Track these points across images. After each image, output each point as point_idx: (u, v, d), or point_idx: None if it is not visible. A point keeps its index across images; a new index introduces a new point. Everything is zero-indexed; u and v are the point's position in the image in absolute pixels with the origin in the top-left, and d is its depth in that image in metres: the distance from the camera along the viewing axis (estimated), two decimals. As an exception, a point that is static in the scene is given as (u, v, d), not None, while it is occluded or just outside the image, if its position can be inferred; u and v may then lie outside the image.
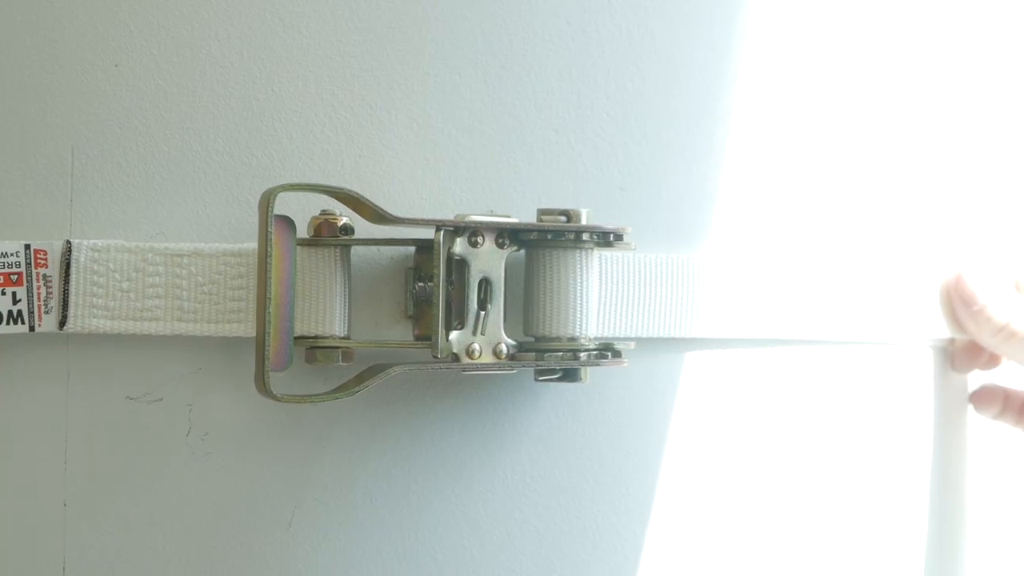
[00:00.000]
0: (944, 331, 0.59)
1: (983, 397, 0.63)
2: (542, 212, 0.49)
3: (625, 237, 0.49)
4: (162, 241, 0.48)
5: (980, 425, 0.64)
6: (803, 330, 0.54)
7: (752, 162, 0.54)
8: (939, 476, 0.61)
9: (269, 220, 0.44)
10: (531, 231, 0.48)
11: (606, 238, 0.48)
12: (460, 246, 0.47)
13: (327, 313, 0.47)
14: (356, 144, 0.49)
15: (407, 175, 0.50)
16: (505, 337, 0.48)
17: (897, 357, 0.58)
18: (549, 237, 0.48)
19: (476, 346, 0.47)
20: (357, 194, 0.45)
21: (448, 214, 0.49)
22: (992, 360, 0.62)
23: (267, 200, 0.44)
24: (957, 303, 0.59)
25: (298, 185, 0.46)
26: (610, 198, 0.52)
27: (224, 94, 0.49)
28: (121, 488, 0.48)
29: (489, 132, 0.51)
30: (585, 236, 0.48)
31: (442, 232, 0.46)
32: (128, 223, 0.48)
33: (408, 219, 0.47)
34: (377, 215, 0.46)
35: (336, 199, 0.46)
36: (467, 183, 0.50)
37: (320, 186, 0.46)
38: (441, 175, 0.50)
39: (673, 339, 0.52)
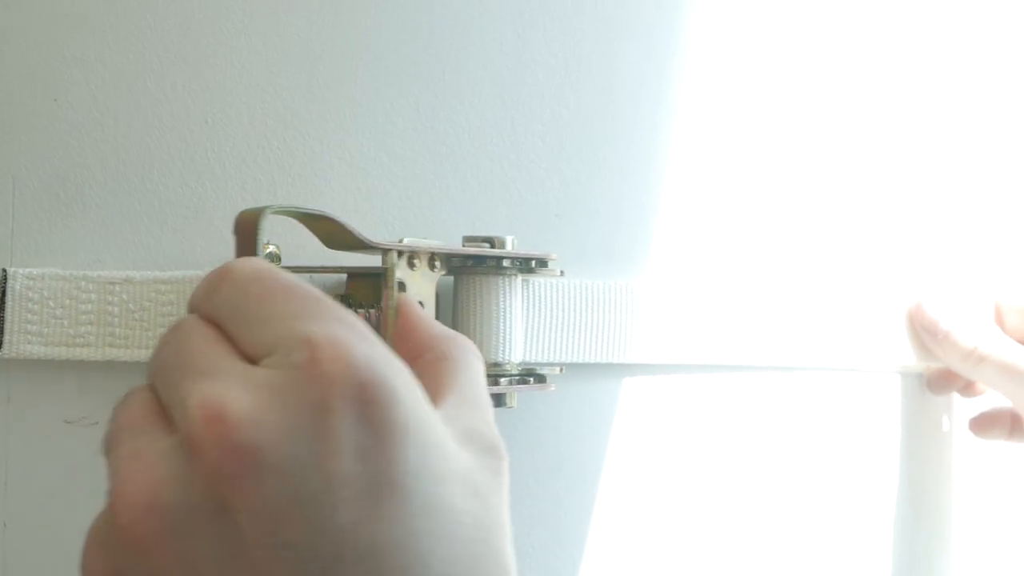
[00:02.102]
0: (911, 358, 0.58)
1: (984, 424, 0.62)
2: (467, 239, 0.49)
3: (550, 264, 0.49)
4: (98, 269, 0.49)
5: (962, 451, 0.63)
6: (744, 356, 0.54)
7: (690, 188, 0.54)
8: (906, 504, 0.60)
9: (259, 243, 0.43)
10: (460, 256, 0.49)
11: (528, 264, 0.49)
12: (400, 269, 0.48)
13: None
14: (289, 174, 0.50)
15: (340, 204, 0.51)
16: None
17: (855, 384, 0.58)
18: (470, 263, 0.49)
19: None
20: (337, 219, 0.45)
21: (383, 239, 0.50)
22: (969, 387, 0.61)
23: (254, 222, 0.42)
24: (921, 331, 0.58)
25: (283, 209, 0.44)
26: (546, 224, 0.52)
27: (158, 126, 0.50)
28: (59, 509, 0.50)
29: (422, 161, 0.51)
30: (507, 263, 0.48)
31: (394, 255, 0.47)
32: (67, 251, 0.50)
33: (382, 244, 0.46)
34: (350, 242, 0.46)
35: (306, 225, 0.46)
36: (399, 211, 0.51)
37: (300, 210, 0.45)
38: (373, 203, 0.51)
39: (612, 365, 0.52)
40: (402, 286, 0.48)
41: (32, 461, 0.49)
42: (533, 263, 0.49)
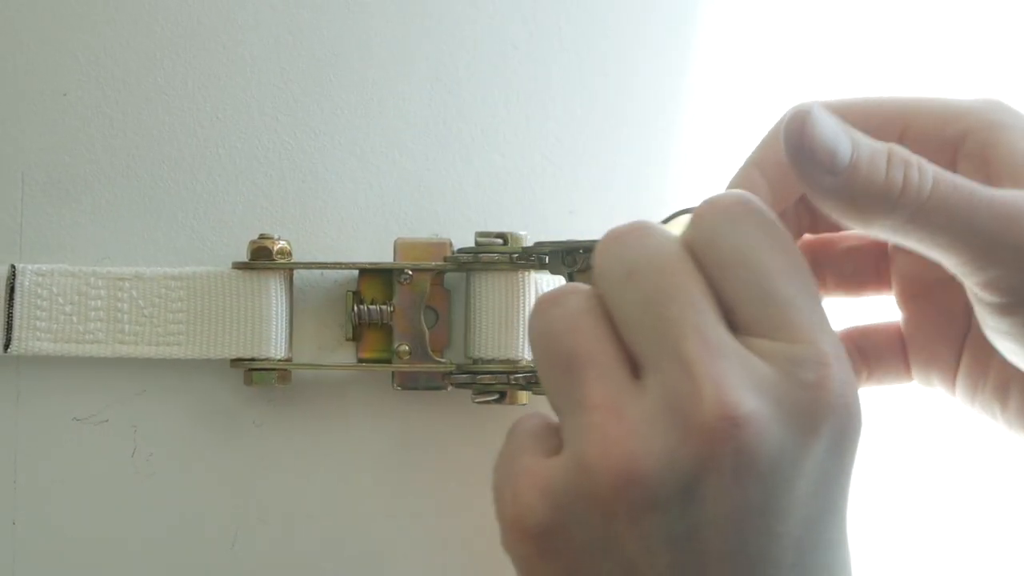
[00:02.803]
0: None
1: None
2: (480, 235, 0.49)
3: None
4: (107, 265, 0.49)
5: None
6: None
7: (704, 186, 0.53)
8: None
9: None
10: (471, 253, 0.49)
11: (542, 259, 0.48)
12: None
13: (264, 335, 0.48)
14: (300, 169, 0.50)
15: (350, 199, 0.50)
16: None
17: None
18: (483, 259, 0.48)
19: None
20: None
21: (392, 238, 0.50)
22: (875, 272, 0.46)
23: None
24: (806, 166, 0.36)
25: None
26: (559, 221, 0.52)
27: (169, 121, 0.49)
28: (69, 508, 0.49)
29: (434, 156, 0.51)
30: (518, 258, 0.48)
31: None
32: (76, 248, 0.49)
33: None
34: None
35: None
36: (411, 207, 0.51)
37: None
38: (385, 199, 0.51)
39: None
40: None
41: (42, 459, 0.49)
42: (547, 259, 0.48)
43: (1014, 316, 0.37)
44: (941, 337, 0.43)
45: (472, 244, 0.49)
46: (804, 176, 0.36)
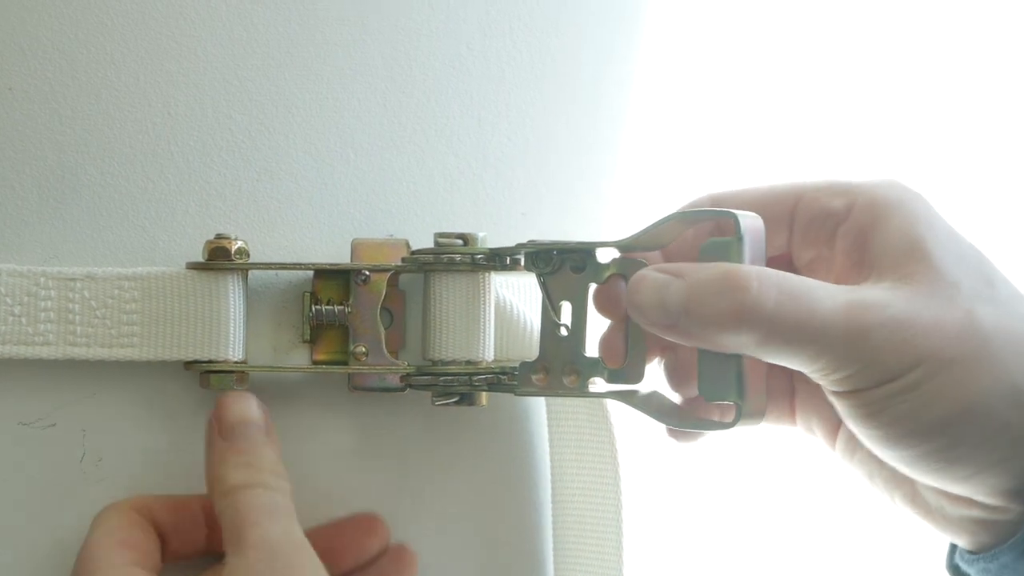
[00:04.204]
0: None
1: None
2: (439, 235, 0.49)
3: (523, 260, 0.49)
4: (55, 265, 0.47)
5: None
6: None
7: (658, 187, 0.54)
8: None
9: None
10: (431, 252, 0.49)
11: (503, 261, 0.48)
12: None
13: (220, 337, 0.47)
14: (254, 168, 0.49)
15: (305, 199, 0.50)
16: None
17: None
18: (444, 260, 0.48)
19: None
20: None
21: (347, 238, 0.49)
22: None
23: None
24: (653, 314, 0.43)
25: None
26: (511, 223, 0.52)
27: (120, 118, 0.48)
28: (16, 515, 0.48)
29: (388, 156, 0.51)
30: (481, 259, 0.48)
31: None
32: (22, 247, 0.48)
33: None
34: None
35: None
36: (366, 207, 0.50)
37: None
38: (340, 199, 0.50)
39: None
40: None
41: (-15, 465, 0.48)
42: (508, 259, 0.48)
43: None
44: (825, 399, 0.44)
45: (426, 245, 0.49)
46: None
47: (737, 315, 0.39)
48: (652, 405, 0.46)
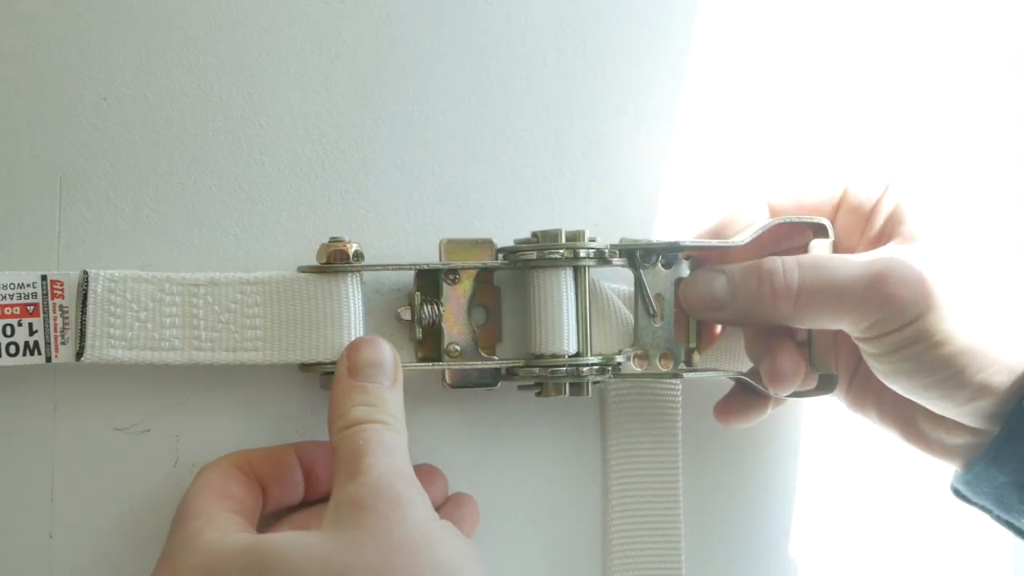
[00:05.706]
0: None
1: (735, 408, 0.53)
2: (539, 232, 0.50)
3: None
4: (151, 270, 0.48)
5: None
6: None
7: (728, 196, 0.56)
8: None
9: None
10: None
11: (602, 256, 0.50)
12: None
13: (343, 339, 0.48)
14: (343, 179, 0.50)
15: (392, 209, 0.51)
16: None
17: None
18: (548, 256, 0.49)
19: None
20: None
21: (432, 246, 0.51)
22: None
23: None
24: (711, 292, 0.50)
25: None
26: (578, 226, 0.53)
27: (213, 128, 0.49)
28: (108, 521, 0.48)
29: (472, 168, 0.52)
30: (586, 255, 0.50)
31: None
32: (115, 254, 0.48)
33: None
34: None
35: None
36: (450, 217, 0.52)
37: None
38: (425, 209, 0.51)
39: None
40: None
41: (80, 471, 0.48)
42: (606, 254, 0.50)
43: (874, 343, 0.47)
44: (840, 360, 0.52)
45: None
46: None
47: (772, 293, 0.48)
48: (751, 377, 0.52)
